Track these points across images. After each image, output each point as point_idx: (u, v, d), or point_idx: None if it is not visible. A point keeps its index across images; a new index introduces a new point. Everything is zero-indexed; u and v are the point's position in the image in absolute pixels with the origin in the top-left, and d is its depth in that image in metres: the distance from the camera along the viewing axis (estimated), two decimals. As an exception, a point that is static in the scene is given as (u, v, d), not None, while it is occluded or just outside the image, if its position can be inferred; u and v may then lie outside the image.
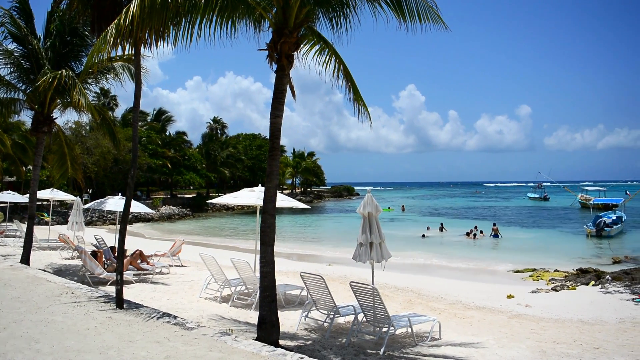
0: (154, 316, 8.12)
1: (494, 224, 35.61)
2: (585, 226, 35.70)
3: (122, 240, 9.16)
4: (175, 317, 8.16)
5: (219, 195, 50.23)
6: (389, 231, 36.39)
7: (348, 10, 8.22)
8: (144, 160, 50.26)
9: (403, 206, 70.35)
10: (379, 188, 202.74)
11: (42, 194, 22.16)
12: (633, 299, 13.35)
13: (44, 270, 13.81)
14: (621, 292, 14.33)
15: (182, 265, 17.80)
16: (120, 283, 8.81)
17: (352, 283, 8.61)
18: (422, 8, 7.77)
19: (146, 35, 7.31)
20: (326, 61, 8.92)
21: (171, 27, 7.52)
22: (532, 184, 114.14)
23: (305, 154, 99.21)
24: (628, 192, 57.62)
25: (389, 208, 68.94)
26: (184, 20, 7.46)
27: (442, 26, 7.92)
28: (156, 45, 7.92)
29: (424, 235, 35.22)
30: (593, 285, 16.03)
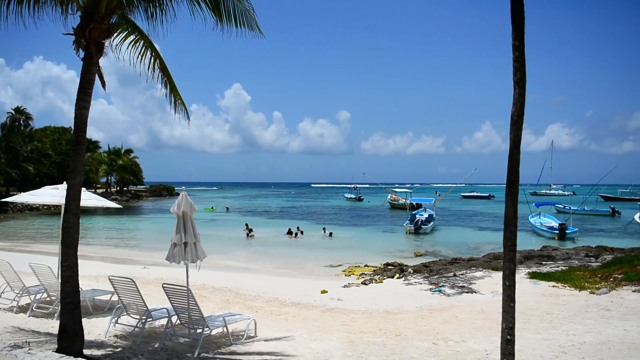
0: None
1: (290, 228, 36.74)
2: (404, 224, 38.71)
3: None
4: (-45, 332, 7.12)
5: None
6: (211, 232, 36.19)
7: (164, 1, 7.87)
8: None
9: (227, 207, 70.06)
10: (202, 188, 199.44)
11: None
12: (430, 289, 14.82)
13: None
14: (421, 283, 15.84)
15: (-29, 273, 15.63)
16: None
17: (164, 285, 8.30)
18: (239, 12, 7.80)
19: None
20: (142, 53, 8.47)
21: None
22: (350, 185, 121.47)
23: (122, 151, 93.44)
24: (438, 193, 63.92)
25: (212, 208, 68.27)
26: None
27: (257, 33, 8.10)
28: None
29: (248, 232, 35.61)
30: (397, 278, 17.52)
